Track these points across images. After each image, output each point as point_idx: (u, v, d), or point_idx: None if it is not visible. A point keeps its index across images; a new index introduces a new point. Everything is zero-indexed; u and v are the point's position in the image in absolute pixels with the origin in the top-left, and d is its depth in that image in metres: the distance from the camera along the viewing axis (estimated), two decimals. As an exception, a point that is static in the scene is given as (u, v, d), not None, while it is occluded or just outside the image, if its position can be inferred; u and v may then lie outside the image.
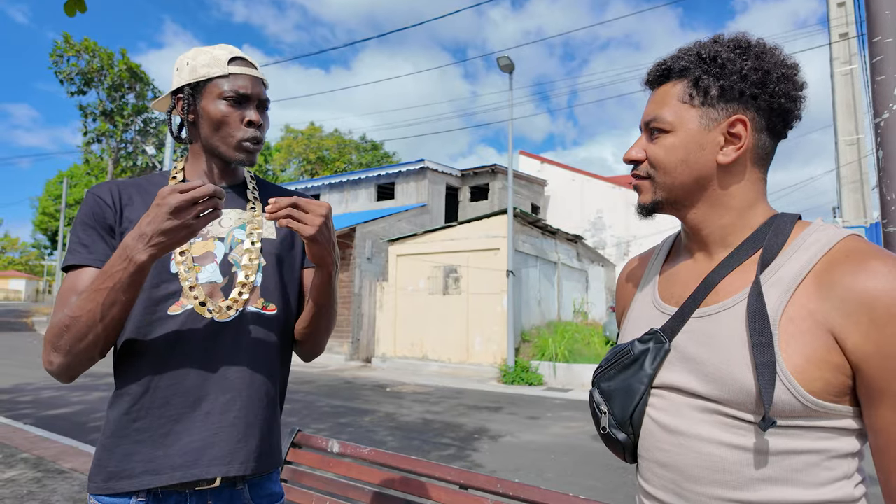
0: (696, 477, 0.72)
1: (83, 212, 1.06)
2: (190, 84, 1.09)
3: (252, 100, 1.10)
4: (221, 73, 1.08)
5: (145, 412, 1.00)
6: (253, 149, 1.11)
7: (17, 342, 16.37)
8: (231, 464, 1.02)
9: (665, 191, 0.80)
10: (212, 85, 1.09)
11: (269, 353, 1.09)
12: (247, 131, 1.09)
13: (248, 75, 1.10)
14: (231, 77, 1.08)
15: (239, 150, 1.10)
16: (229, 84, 1.08)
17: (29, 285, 55.20)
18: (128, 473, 0.99)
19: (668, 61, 0.81)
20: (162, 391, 1.00)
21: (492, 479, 1.61)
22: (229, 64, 1.09)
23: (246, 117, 1.09)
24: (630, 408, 0.79)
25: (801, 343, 0.66)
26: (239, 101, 1.09)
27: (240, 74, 1.09)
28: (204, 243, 1.09)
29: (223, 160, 1.12)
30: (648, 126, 0.81)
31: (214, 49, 1.11)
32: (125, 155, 27.31)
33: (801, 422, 0.66)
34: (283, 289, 1.14)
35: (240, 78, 1.09)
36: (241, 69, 1.09)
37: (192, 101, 1.10)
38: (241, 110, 1.09)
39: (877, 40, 2.22)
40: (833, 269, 0.67)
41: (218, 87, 1.08)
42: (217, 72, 1.08)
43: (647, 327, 0.82)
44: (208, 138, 1.11)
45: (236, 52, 1.12)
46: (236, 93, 1.08)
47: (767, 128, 0.77)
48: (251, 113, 1.10)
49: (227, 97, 1.08)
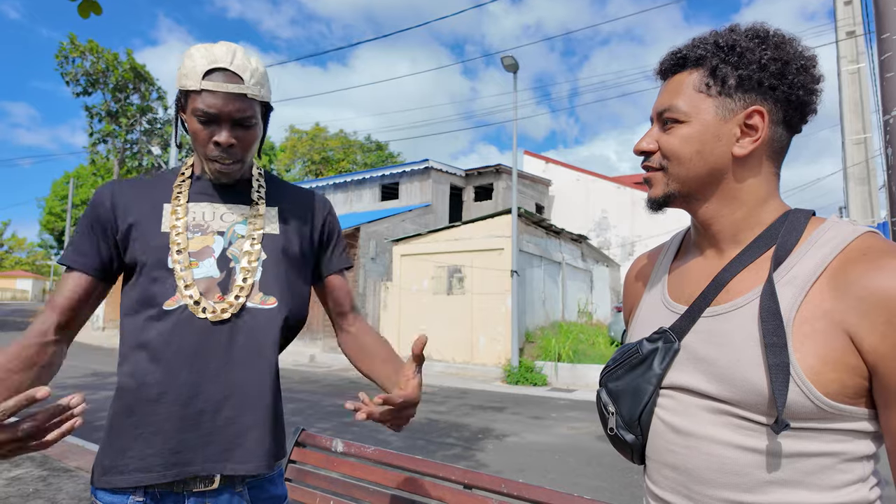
0: (705, 479, 0.70)
1: (84, 215, 1.10)
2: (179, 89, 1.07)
3: (222, 120, 1.03)
4: (194, 87, 1.02)
5: (139, 409, 1.00)
6: (223, 169, 1.07)
7: (23, 342, 16.46)
8: (220, 463, 1.00)
9: (678, 183, 0.78)
10: (189, 98, 1.04)
11: (267, 349, 1.07)
12: (214, 151, 1.05)
13: (222, 93, 1.01)
14: (203, 94, 1.01)
15: (209, 163, 1.08)
16: (200, 102, 1.01)
17: (35, 285, 55.57)
18: (121, 469, 0.99)
19: (683, 50, 0.78)
20: (155, 388, 1.00)
21: (496, 479, 1.60)
22: (204, 78, 1.02)
23: (213, 137, 1.04)
24: (638, 408, 0.77)
25: (816, 344, 0.64)
26: (208, 119, 1.03)
27: (213, 91, 1.01)
28: (203, 238, 1.08)
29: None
30: (661, 116, 0.79)
31: (199, 55, 1.03)
32: (130, 155, 27.44)
33: (814, 424, 0.65)
34: (284, 281, 1.13)
35: (211, 96, 1.01)
36: (215, 85, 1.01)
37: (182, 106, 1.09)
38: (210, 128, 1.04)
39: (885, 37, 2.20)
40: (849, 268, 0.65)
41: (193, 101, 1.03)
42: (192, 85, 1.02)
43: (656, 326, 0.80)
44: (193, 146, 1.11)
45: (219, 62, 1.02)
46: (205, 113, 1.02)
47: (784, 120, 0.75)
48: (221, 134, 1.04)
49: (196, 115, 1.03)
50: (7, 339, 16.91)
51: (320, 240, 1.24)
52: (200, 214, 1.10)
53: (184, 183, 1.13)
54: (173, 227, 1.07)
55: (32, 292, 54.37)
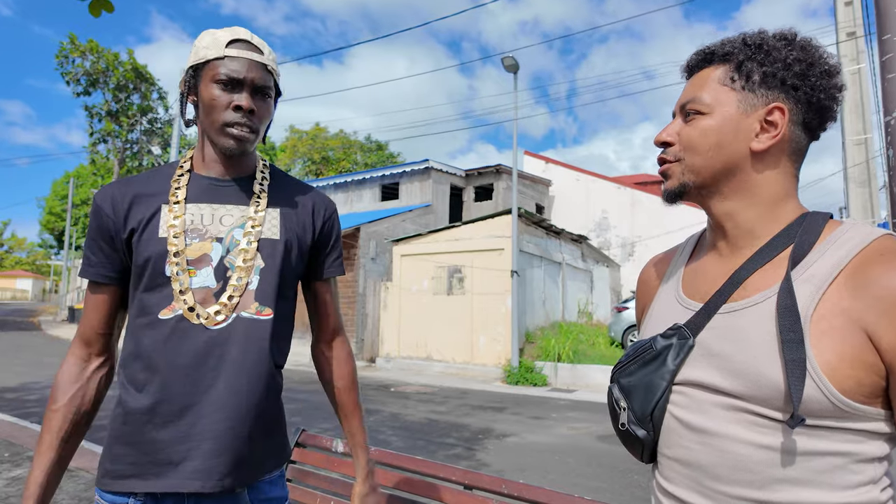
0: (718, 475, 0.71)
1: (89, 223, 1.10)
2: (193, 66, 1.07)
3: (245, 84, 1.05)
4: (217, 55, 1.04)
5: (134, 417, 1.00)
6: (239, 135, 1.05)
7: (24, 341, 16.45)
8: (210, 479, 0.99)
9: (694, 174, 0.79)
10: (208, 67, 1.05)
11: (263, 360, 1.05)
12: (233, 115, 1.04)
13: (245, 59, 1.05)
14: (226, 59, 1.04)
15: (224, 135, 1.05)
16: (223, 67, 1.04)
17: (36, 285, 55.58)
18: (118, 474, 1.00)
19: (711, 47, 0.81)
20: (150, 397, 1.00)
21: (496, 480, 1.60)
22: (227, 46, 1.05)
23: (234, 102, 1.04)
24: (651, 404, 0.77)
25: (833, 340, 0.65)
26: (231, 84, 1.04)
27: (236, 57, 1.05)
28: (201, 244, 1.05)
29: (216, 146, 1.09)
30: (684, 108, 0.80)
31: (222, 31, 1.08)
32: (131, 155, 27.41)
33: (829, 422, 0.65)
34: (281, 292, 1.11)
35: (235, 61, 1.04)
36: (238, 52, 1.05)
37: (193, 84, 1.08)
38: (231, 94, 1.04)
39: (886, 38, 2.20)
40: (867, 268, 0.66)
41: (213, 68, 1.05)
42: (213, 54, 1.05)
43: (670, 323, 0.80)
44: (202, 123, 1.08)
45: (241, 34, 1.07)
46: (227, 76, 1.03)
47: (803, 122, 0.76)
48: (241, 97, 1.04)
49: (218, 80, 1.04)
50: (7, 338, 16.91)
51: (317, 243, 1.20)
52: (199, 217, 1.07)
53: (182, 178, 1.10)
54: (171, 227, 1.04)
55: (32, 292, 54.36)
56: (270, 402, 1.08)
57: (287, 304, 1.14)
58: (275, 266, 1.09)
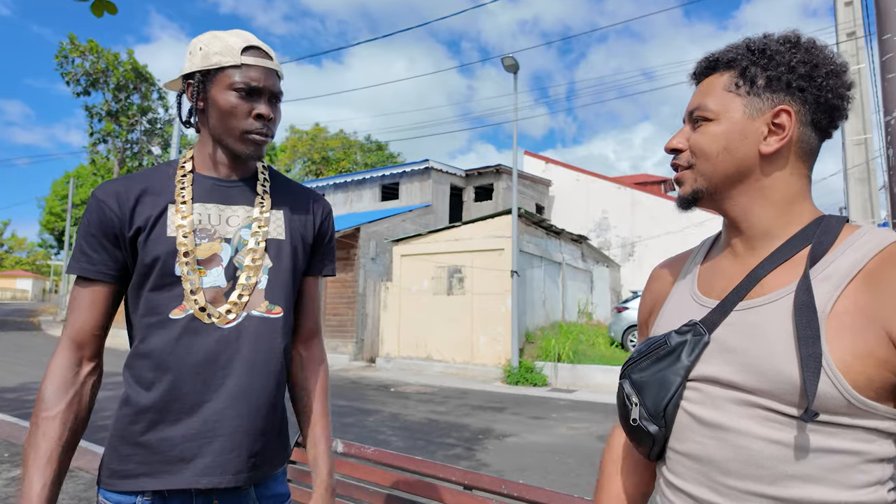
0: (730, 470, 0.71)
1: (88, 218, 1.04)
2: (201, 70, 1.06)
3: (263, 93, 1.06)
4: (233, 62, 1.04)
5: (144, 416, 1.00)
6: (260, 141, 1.08)
7: (24, 341, 16.46)
8: (224, 474, 1.00)
9: (705, 179, 0.80)
10: (223, 74, 1.05)
11: (273, 358, 1.07)
12: (254, 123, 1.06)
13: (262, 67, 1.06)
14: (243, 68, 1.05)
15: (244, 142, 1.07)
16: (241, 75, 1.04)
17: (36, 285, 55.59)
18: (127, 474, 1.00)
19: (715, 54, 0.82)
20: (161, 396, 0.99)
21: (496, 480, 1.60)
22: (242, 53, 1.05)
23: (255, 110, 1.06)
24: (664, 400, 0.77)
25: (849, 338, 0.66)
26: (249, 93, 1.05)
27: (252, 66, 1.05)
28: (210, 245, 1.06)
29: (231, 151, 1.09)
30: (692, 115, 0.82)
31: (229, 36, 1.07)
32: (131, 155, 27.43)
33: (841, 419, 0.66)
34: (289, 290, 1.12)
35: (252, 69, 1.05)
36: (254, 60, 1.05)
37: (202, 88, 1.07)
38: (251, 103, 1.06)
39: (886, 38, 2.20)
40: (885, 269, 0.67)
41: (229, 76, 1.04)
42: (229, 61, 1.04)
43: (685, 320, 0.81)
44: (216, 128, 1.08)
45: (252, 41, 1.07)
46: (247, 85, 1.04)
47: (812, 123, 0.76)
48: (261, 106, 1.06)
49: (237, 88, 1.04)
50: (7, 338, 16.91)
51: (315, 241, 1.22)
52: (206, 217, 1.07)
53: (185, 178, 1.10)
54: (179, 227, 1.04)
55: (32, 292, 54.37)
56: (280, 399, 1.10)
57: (293, 304, 1.16)
58: (282, 265, 1.11)
